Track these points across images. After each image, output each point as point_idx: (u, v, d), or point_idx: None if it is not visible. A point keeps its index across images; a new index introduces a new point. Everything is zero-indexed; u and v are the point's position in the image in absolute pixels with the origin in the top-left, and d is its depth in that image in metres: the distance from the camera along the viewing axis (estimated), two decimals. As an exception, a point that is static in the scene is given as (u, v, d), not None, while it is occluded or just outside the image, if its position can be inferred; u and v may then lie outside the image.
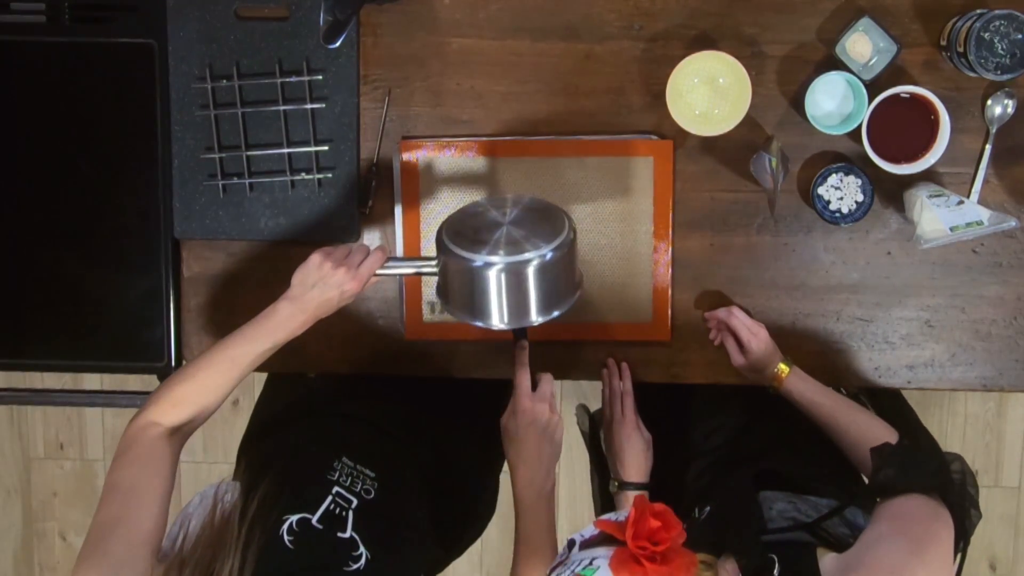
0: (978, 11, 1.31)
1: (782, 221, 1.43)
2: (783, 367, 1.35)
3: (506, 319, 1.15)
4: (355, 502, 1.16)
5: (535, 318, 1.16)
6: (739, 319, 1.37)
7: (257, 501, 1.01)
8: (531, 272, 1.13)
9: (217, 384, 1.18)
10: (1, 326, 1.52)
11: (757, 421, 1.48)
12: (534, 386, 1.29)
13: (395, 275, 1.24)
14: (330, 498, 1.15)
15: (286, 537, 1.08)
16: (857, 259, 1.43)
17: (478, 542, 1.58)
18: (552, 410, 1.28)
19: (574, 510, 2.52)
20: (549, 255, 1.12)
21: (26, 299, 1.51)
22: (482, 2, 1.42)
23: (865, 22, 1.35)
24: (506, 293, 1.14)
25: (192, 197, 1.44)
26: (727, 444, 1.48)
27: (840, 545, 1.11)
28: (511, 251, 1.12)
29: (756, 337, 1.35)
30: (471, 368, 1.48)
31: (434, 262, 1.21)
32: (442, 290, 1.22)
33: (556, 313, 1.17)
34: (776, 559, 1.05)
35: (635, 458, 1.40)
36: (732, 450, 1.46)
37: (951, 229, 1.30)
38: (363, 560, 1.12)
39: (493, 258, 1.12)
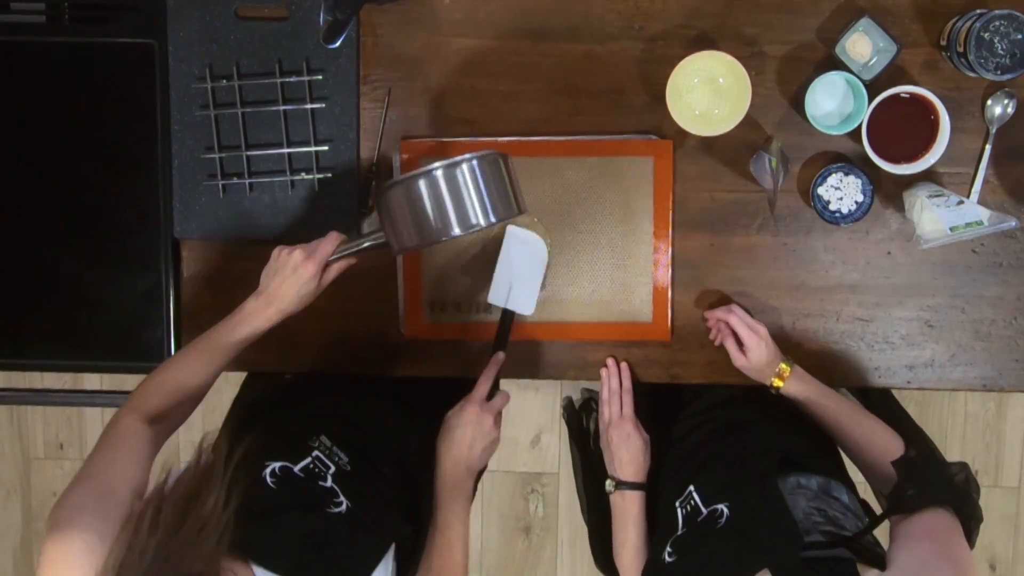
0: (978, 11, 1.31)
1: (782, 221, 1.43)
2: (784, 367, 1.35)
3: (453, 224, 1.16)
4: (333, 468, 1.20)
5: (477, 220, 1.17)
6: (738, 317, 1.37)
7: (243, 449, 1.03)
8: (463, 172, 1.16)
9: (190, 372, 1.22)
10: (1, 326, 1.52)
11: (743, 398, 1.48)
12: (491, 397, 1.33)
13: (352, 253, 1.26)
14: (310, 459, 1.19)
15: (269, 479, 1.12)
16: (857, 259, 1.43)
17: (478, 542, 1.58)
18: (495, 426, 1.31)
19: (573, 510, 2.52)
20: (476, 161, 1.16)
21: (26, 299, 1.51)
22: (482, 2, 1.42)
23: (865, 22, 1.35)
24: (448, 195, 1.16)
25: (192, 197, 1.45)
26: (716, 407, 1.49)
27: (870, 554, 1.09)
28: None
29: (756, 335, 1.35)
30: (470, 368, 1.48)
31: (380, 233, 1.23)
32: (391, 232, 1.22)
33: (495, 219, 1.18)
34: None
35: (633, 457, 1.40)
36: (721, 408, 1.47)
37: (951, 229, 1.30)
38: (344, 507, 1.15)
39: (427, 167, 1.16)
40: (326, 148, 1.43)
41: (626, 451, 1.41)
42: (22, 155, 1.48)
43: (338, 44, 1.40)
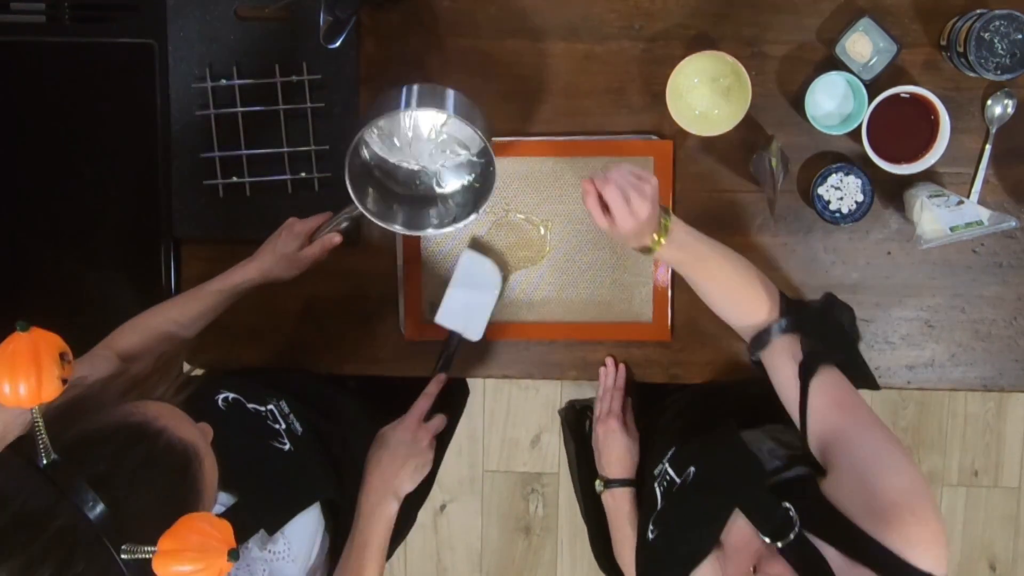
0: (978, 11, 1.31)
1: (782, 221, 1.43)
2: (657, 237, 1.15)
3: (414, 102, 1.23)
4: (283, 425, 1.21)
5: (448, 111, 1.24)
6: (615, 185, 1.12)
7: (204, 368, 1.03)
8: (444, 91, 1.26)
9: (165, 316, 1.26)
10: (1, 326, 1.52)
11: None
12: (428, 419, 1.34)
13: (339, 224, 1.34)
14: (264, 409, 1.21)
15: (220, 403, 1.15)
16: (857, 259, 1.43)
17: (478, 542, 1.58)
18: (429, 447, 1.31)
19: (573, 510, 2.52)
20: (453, 90, 1.26)
21: (26, 299, 1.51)
22: (482, 2, 1.42)
23: (865, 22, 1.35)
24: (417, 91, 1.24)
25: (192, 197, 1.44)
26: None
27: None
28: None
29: (625, 206, 1.12)
30: (469, 369, 1.48)
31: (353, 206, 1.28)
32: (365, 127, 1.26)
33: (454, 112, 1.23)
34: (793, 508, 0.97)
35: (619, 455, 1.38)
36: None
37: (951, 229, 1.30)
38: (288, 447, 1.18)
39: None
40: (326, 148, 1.43)
41: (611, 447, 1.40)
42: (22, 155, 1.49)
43: (338, 44, 1.40)
